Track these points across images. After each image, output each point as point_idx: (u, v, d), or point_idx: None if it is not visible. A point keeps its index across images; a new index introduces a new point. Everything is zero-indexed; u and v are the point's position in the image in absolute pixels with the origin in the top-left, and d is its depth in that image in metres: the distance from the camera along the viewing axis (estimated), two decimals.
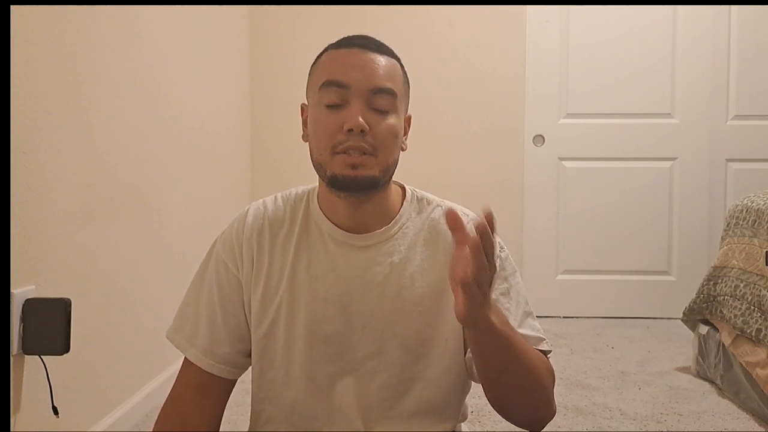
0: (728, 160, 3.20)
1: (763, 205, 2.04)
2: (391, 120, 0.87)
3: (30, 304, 1.37)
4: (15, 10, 1.31)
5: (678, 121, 3.19)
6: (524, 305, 0.94)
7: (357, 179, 0.85)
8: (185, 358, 0.95)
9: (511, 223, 3.23)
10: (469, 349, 0.92)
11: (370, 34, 0.92)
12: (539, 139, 3.23)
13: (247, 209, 0.97)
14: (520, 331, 0.89)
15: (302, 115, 0.94)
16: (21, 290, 1.36)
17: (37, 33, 1.41)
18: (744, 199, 2.23)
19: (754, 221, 2.06)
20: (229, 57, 2.91)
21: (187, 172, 2.34)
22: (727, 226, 2.25)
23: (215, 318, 0.94)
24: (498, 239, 0.96)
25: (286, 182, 2.85)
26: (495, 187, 3.23)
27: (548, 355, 0.92)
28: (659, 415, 1.97)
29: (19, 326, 1.36)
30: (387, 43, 0.92)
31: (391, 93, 0.87)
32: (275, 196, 0.98)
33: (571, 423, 1.91)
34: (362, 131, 0.83)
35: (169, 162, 2.17)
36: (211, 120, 2.61)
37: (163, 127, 2.12)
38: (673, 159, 3.21)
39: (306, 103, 0.94)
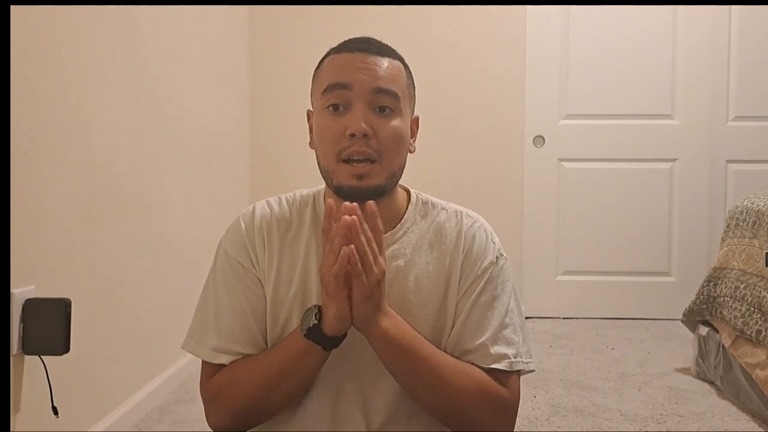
0: (728, 162, 3.20)
1: (764, 206, 2.04)
2: (396, 122, 0.86)
3: (30, 304, 1.37)
4: (15, 10, 1.31)
5: (678, 122, 3.19)
6: (506, 316, 0.90)
7: (362, 189, 0.84)
8: (206, 362, 0.91)
9: (511, 224, 3.23)
10: None
11: (370, 35, 0.91)
12: (539, 140, 3.23)
13: (253, 209, 0.95)
14: (493, 347, 0.87)
15: (308, 122, 0.93)
16: (21, 290, 1.36)
17: (37, 33, 1.41)
18: (744, 200, 2.22)
19: (755, 222, 2.06)
20: (229, 57, 2.91)
21: (187, 172, 2.34)
22: (727, 227, 2.25)
23: (247, 324, 0.90)
24: (498, 246, 0.95)
25: (286, 182, 2.86)
26: (495, 187, 3.23)
27: (521, 374, 0.90)
28: (659, 416, 1.97)
29: (19, 326, 1.36)
30: (387, 44, 0.91)
31: (393, 95, 0.86)
32: (279, 198, 0.96)
33: (571, 424, 1.91)
34: (365, 135, 0.83)
35: (169, 162, 2.17)
36: (211, 120, 2.61)
37: (163, 127, 2.12)
38: (674, 160, 3.21)
39: (311, 109, 0.93)
